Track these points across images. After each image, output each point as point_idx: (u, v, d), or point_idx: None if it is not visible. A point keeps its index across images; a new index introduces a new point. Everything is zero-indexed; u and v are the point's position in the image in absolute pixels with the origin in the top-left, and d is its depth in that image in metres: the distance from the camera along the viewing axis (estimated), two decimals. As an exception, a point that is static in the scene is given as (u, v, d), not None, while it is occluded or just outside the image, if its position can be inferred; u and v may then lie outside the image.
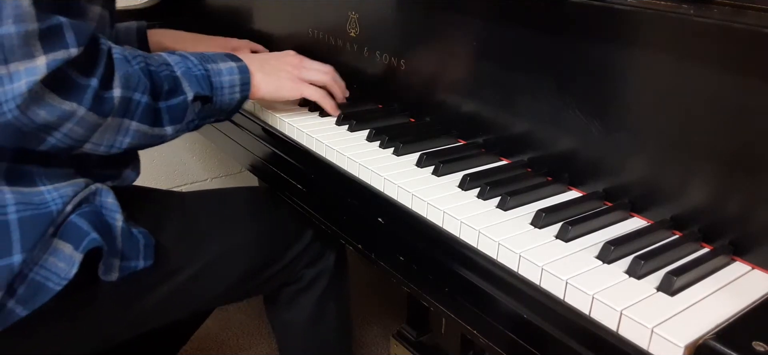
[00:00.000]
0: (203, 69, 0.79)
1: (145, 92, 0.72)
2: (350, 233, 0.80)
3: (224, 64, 0.82)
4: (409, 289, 0.71)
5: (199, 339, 1.51)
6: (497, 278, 0.61)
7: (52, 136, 0.66)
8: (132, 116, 0.71)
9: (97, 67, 0.67)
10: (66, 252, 0.71)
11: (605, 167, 0.70)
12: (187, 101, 0.77)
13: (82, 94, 0.65)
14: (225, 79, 0.82)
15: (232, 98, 0.83)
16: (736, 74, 0.57)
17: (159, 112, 0.74)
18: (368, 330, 1.60)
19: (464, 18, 0.82)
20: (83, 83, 0.65)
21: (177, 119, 0.77)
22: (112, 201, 0.77)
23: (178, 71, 0.77)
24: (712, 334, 0.48)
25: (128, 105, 0.70)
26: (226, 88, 0.82)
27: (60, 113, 0.64)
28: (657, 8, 0.61)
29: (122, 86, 0.69)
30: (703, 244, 0.62)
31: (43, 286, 0.70)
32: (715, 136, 0.60)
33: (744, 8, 0.56)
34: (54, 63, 0.62)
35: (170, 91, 0.75)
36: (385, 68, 0.95)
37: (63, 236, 0.71)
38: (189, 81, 0.77)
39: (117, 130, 0.71)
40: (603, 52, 0.68)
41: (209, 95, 0.80)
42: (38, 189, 0.72)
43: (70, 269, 0.70)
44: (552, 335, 0.55)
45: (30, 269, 0.69)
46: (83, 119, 0.66)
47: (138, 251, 0.78)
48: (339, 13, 1.00)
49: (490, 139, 0.83)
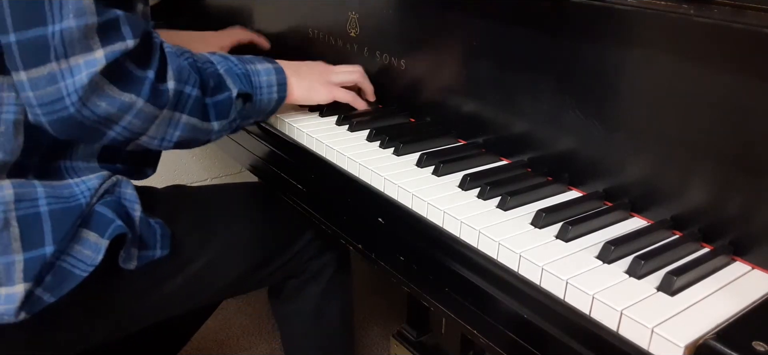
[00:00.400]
0: (243, 68, 0.82)
1: (196, 86, 0.74)
2: (350, 233, 0.80)
3: (262, 65, 0.85)
4: (409, 289, 0.71)
5: (199, 339, 1.51)
6: (497, 278, 0.61)
7: (111, 130, 0.68)
8: (183, 109, 0.73)
9: (152, 59, 0.69)
10: (92, 240, 0.73)
11: (605, 167, 0.70)
12: (231, 98, 0.79)
13: (141, 85, 0.67)
14: (263, 79, 0.84)
15: (271, 98, 0.85)
16: (736, 74, 0.57)
17: (206, 107, 0.76)
18: (368, 330, 1.60)
19: (464, 18, 0.82)
20: (141, 75, 0.67)
21: (222, 115, 0.78)
22: (132, 192, 0.79)
23: (221, 69, 0.79)
24: (712, 334, 0.48)
25: (180, 97, 0.72)
26: (264, 88, 0.84)
27: (120, 105, 0.66)
28: (657, 8, 0.61)
29: (176, 79, 0.71)
30: (703, 244, 0.62)
31: (71, 273, 0.72)
32: (716, 136, 0.60)
33: (744, 8, 0.56)
34: (112, 54, 0.64)
35: (216, 88, 0.77)
36: (385, 68, 0.95)
37: (88, 225, 0.73)
38: (232, 78, 0.80)
39: (169, 123, 0.72)
40: (603, 52, 0.68)
41: (250, 93, 0.82)
42: (67, 182, 0.74)
43: (96, 255, 0.72)
44: (552, 335, 0.55)
45: (57, 258, 0.71)
46: (141, 111, 0.68)
47: (155, 240, 0.80)
48: (339, 13, 1.00)
49: (490, 139, 0.83)
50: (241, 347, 1.56)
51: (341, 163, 0.81)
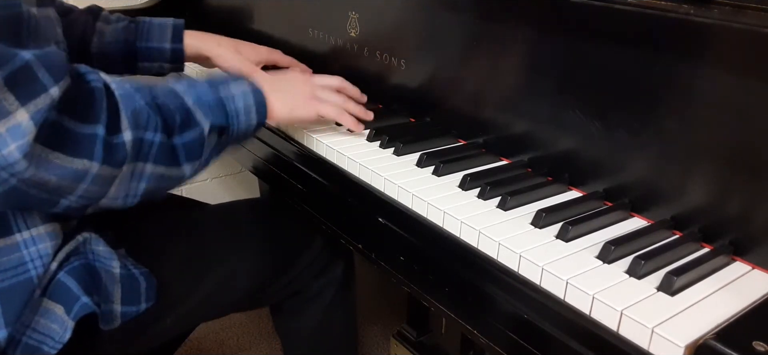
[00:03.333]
0: (215, 96, 0.71)
1: (158, 130, 0.63)
2: (351, 233, 0.80)
3: (236, 87, 0.74)
4: (410, 289, 0.71)
5: (199, 339, 1.51)
6: (497, 278, 0.61)
7: (66, 199, 0.59)
8: (145, 159, 0.63)
9: (97, 109, 0.58)
10: (58, 313, 0.67)
11: (605, 167, 0.70)
12: (203, 134, 0.68)
13: (91, 146, 0.57)
14: (240, 105, 0.73)
15: (249, 124, 0.75)
16: (736, 74, 0.57)
17: (174, 149, 0.66)
18: (368, 330, 1.60)
19: (464, 18, 0.82)
20: (87, 132, 0.57)
21: (194, 155, 0.68)
22: (104, 248, 0.72)
23: (188, 101, 0.68)
24: (712, 334, 0.48)
25: (140, 147, 0.62)
26: (241, 115, 0.74)
27: (72, 174, 0.56)
28: (657, 8, 0.61)
29: (132, 127, 0.60)
30: (704, 244, 0.62)
31: (38, 350, 0.66)
32: (716, 136, 0.60)
33: (744, 8, 0.56)
34: (39, 114, 0.52)
35: (183, 124, 0.67)
36: (385, 68, 0.95)
37: (52, 297, 0.67)
38: (203, 110, 0.69)
39: (131, 178, 0.62)
40: (603, 51, 0.68)
41: (225, 124, 0.71)
42: (14, 240, 0.65)
43: (63, 332, 0.66)
44: (552, 335, 0.55)
45: (22, 334, 0.65)
46: (98, 176, 0.58)
47: (139, 294, 0.74)
48: (339, 13, 1.00)
49: (490, 139, 0.83)
50: (241, 347, 1.56)
51: (341, 164, 0.81)
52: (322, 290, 0.98)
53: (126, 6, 1.45)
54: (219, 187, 1.91)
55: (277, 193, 0.96)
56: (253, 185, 1.85)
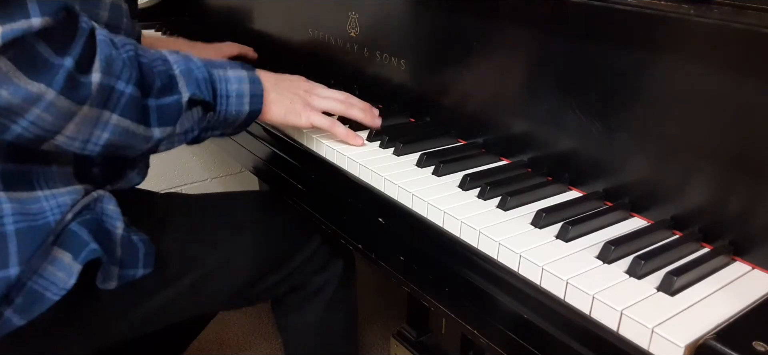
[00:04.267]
0: (206, 72, 0.72)
1: (131, 82, 0.64)
2: (351, 233, 0.80)
3: (233, 71, 0.75)
4: (410, 289, 0.71)
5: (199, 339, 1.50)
6: (497, 278, 0.61)
7: (16, 124, 0.59)
8: (113, 108, 0.63)
9: (72, 45, 0.59)
10: (65, 261, 0.69)
11: (605, 167, 0.70)
12: (181, 102, 0.69)
13: (53, 74, 0.57)
14: (232, 87, 0.74)
15: (240, 110, 0.75)
16: (736, 74, 0.57)
17: (147, 109, 0.67)
18: (368, 330, 1.60)
19: (464, 18, 0.82)
20: (55, 62, 0.57)
21: (167, 121, 0.69)
22: (114, 208, 0.74)
23: (176, 69, 0.70)
24: (712, 334, 0.48)
25: (110, 95, 0.62)
26: (232, 98, 0.74)
27: (24, 94, 0.57)
28: (657, 8, 0.61)
29: (102, 71, 0.61)
30: (704, 244, 0.62)
31: (42, 296, 0.68)
32: (716, 136, 0.60)
33: (744, 8, 0.56)
34: (11, 33, 0.54)
35: (163, 89, 0.68)
36: (385, 68, 0.95)
37: (62, 245, 0.69)
38: (187, 81, 0.70)
39: (95, 123, 0.63)
40: (603, 51, 0.68)
41: (209, 101, 0.72)
42: (36, 194, 0.69)
43: (68, 278, 0.68)
44: (552, 334, 0.55)
45: (28, 278, 0.67)
46: (52, 105, 0.58)
47: (137, 259, 0.75)
48: (339, 13, 1.00)
49: (490, 139, 0.83)
50: (241, 347, 1.56)
51: (341, 164, 0.81)
52: (323, 286, 0.98)
53: (126, 6, 1.45)
54: (219, 187, 1.92)
55: (278, 193, 0.96)
56: (253, 185, 1.85)
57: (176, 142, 0.72)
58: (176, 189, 1.80)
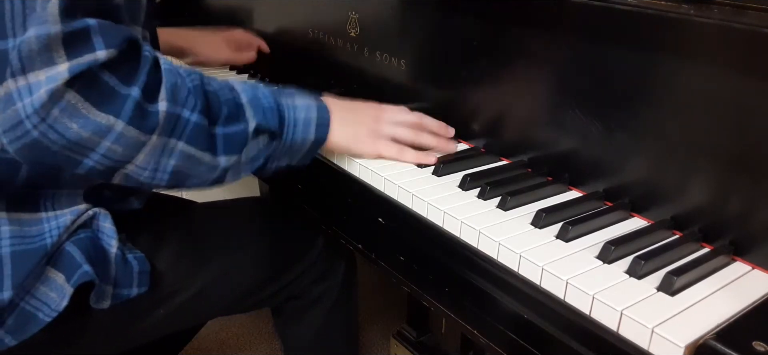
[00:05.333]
0: (273, 101, 0.71)
1: (195, 110, 0.63)
2: (351, 233, 0.80)
3: (301, 99, 0.74)
4: (410, 289, 0.71)
5: (199, 339, 1.51)
6: (497, 278, 0.61)
7: (88, 157, 0.59)
8: (179, 136, 0.62)
9: (137, 75, 0.59)
10: (58, 282, 0.68)
11: (605, 167, 0.70)
12: (247, 131, 0.67)
13: (121, 104, 0.57)
14: (300, 115, 0.73)
15: (305, 138, 0.73)
16: (736, 74, 0.57)
17: (213, 137, 0.65)
18: (368, 330, 1.60)
19: (464, 18, 0.82)
20: (122, 92, 0.57)
21: (233, 149, 0.67)
22: (110, 226, 0.73)
23: (243, 98, 0.68)
24: (712, 334, 0.48)
25: (176, 123, 0.62)
26: (299, 126, 0.72)
27: (95, 127, 0.56)
28: (657, 8, 0.61)
29: (168, 99, 0.61)
30: (704, 244, 0.62)
31: (34, 316, 0.67)
32: (716, 136, 0.60)
33: (744, 8, 0.56)
34: (78, 67, 0.54)
35: (229, 117, 0.66)
36: (385, 68, 0.95)
37: (55, 265, 0.68)
38: (254, 110, 0.68)
39: (161, 152, 0.62)
40: (603, 51, 0.68)
41: (275, 129, 0.70)
42: (39, 216, 0.69)
43: (61, 300, 0.68)
44: (552, 335, 0.55)
45: (21, 299, 0.67)
46: (122, 135, 0.58)
47: (132, 278, 0.74)
48: (339, 13, 1.00)
49: (490, 139, 0.83)
50: (241, 348, 1.56)
51: (341, 164, 0.81)
52: (323, 295, 0.97)
53: (126, 6, 1.44)
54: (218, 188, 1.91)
55: (277, 193, 0.95)
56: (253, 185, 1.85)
57: (242, 171, 0.70)
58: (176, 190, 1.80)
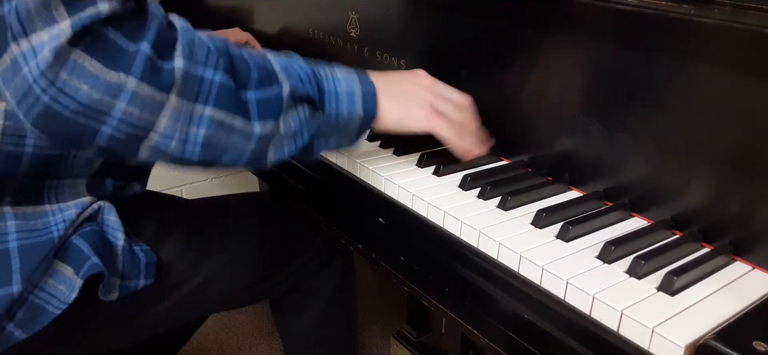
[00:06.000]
0: (309, 69, 0.66)
1: (219, 69, 0.58)
2: (351, 233, 0.80)
3: (341, 71, 0.69)
4: (410, 289, 0.71)
5: (199, 339, 1.51)
6: (498, 278, 0.61)
7: (105, 124, 0.54)
8: (205, 100, 0.57)
9: (145, 30, 0.54)
10: (66, 275, 0.68)
11: (605, 167, 0.70)
12: (281, 94, 0.62)
13: (130, 60, 0.53)
14: (341, 86, 0.67)
15: (352, 111, 0.67)
16: (736, 74, 0.57)
17: (244, 102, 0.60)
18: (368, 330, 1.60)
19: (464, 18, 0.82)
20: (129, 48, 0.53)
21: (268, 114, 0.61)
22: (115, 219, 0.73)
23: (275, 65, 0.63)
24: (712, 334, 0.48)
25: (199, 85, 0.57)
26: (342, 96, 0.67)
27: (105, 86, 0.52)
28: (657, 8, 0.61)
29: (185, 57, 0.56)
30: (704, 244, 0.62)
31: (43, 309, 0.68)
32: (716, 136, 0.60)
33: (744, 8, 0.56)
34: (80, 22, 0.51)
35: (260, 81, 0.61)
36: (385, 68, 0.95)
37: (63, 258, 0.68)
38: (288, 74, 0.63)
39: (189, 119, 0.57)
40: (603, 51, 0.68)
41: (313, 97, 0.65)
42: (44, 208, 0.68)
43: (70, 292, 0.68)
44: (552, 334, 0.55)
45: (30, 292, 0.67)
46: (136, 94, 0.53)
47: (139, 270, 0.75)
48: (339, 13, 1.00)
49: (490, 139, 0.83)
50: (242, 347, 1.56)
51: (342, 164, 0.81)
52: (321, 287, 0.97)
53: (126, 6, 1.44)
54: (219, 187, 1.92)
55: (277, 193, 0.96)
56: (253, 186, 1.85)
57: (286, 147, 0.64)
58: (176, 189, 1.80)
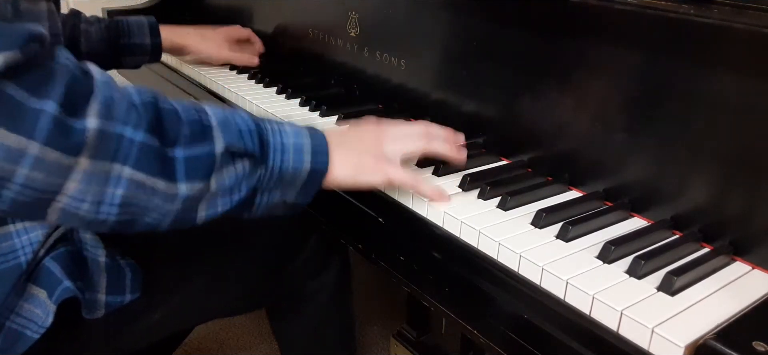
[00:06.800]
0: (253, 123, 0.61)
1: (140, 127, 0.53)
2: (351, 233, 0.80)
3: (291, 126, 0.65)
4: (410, 289, 0.71)
5: (199, 339, 1.51)
6: (497, 278, 0.61)
7: (7, 189, 0.48)
8: (124, 160, 0.52)
9: (51, 84, 0.48)
10: (41, 298, 0.66)
11: (605, 167, 0.70)
12: (213, 153, 0.57)
13: (33, 121, 0.46)
14: (289, 140, 0.63)
15: (298, 167, 0.63)
16: (736, 74, 0.57)
17: (170, 161, 0.55)
18: (368, 330, 1.60)
19: (464, 18, 0.82)
20: (33, 106, 0.46)
21: (196, 174, 0.56)
22: (91, 236, 0.70)
23: (212, 120, 0.59)
24: (712, 334, 0.48)
25: (117, 143, 0.51)
26: (289, 152, 0.62)
27: (5, 152, 0.46)
28: (657, 8, 0.61)
29: (101, 115, 0.50)
30: (704, 244, 0.62)
31: (21, 334, 0.66)
32: (716, 135, 0.60)
33: (744, 8, 0.56)
34: None
35: (192, 138, 0.57)
36: (385, 68, 0.95)
37: (37, 281, 0.66)
38: (224, 130, 0.58)
39: (105, 180, 0.52)
40: (603, 51, 0.68)
41: (253, 152, 0.60)
42: (8, 230, 0.65)
43: (46, 317, 0.65)
44: (552, 334, 0.55)
45: (6, 318, 0.65)
46: (40, 160, 0.47)
47: (124, 285, 0.72)
48: (339, 13, 1.00)
49: (490, 139, 0.83)
50: (241, 347, 1.56)
51: (341, 164, 0.81)
52: (317, 291, 0.97)
53: (126, 6, 1.45)
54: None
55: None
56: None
57: (220, 205, 0.60)
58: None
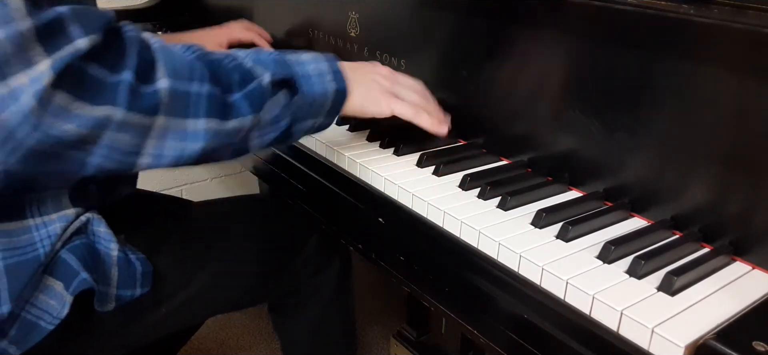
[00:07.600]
0: (277, 56, 0.67)
1: (205, 81, 0.59)
2: (351, 233, 0.80)
3: (306, 54, 0.70)
4: (410, 289, 0.71)
5: (199, 339, 1.51)
6: (497, 278, 0.61)
7: (93, 155, 0.54)
8: (197, 113, 0.58)
9: (126, 57, 0.54)
10: (57, 289, 0.68)
11: (605, 167, 0.70)
12: (262, 84, 0.63)
13: (114, 92, 0.53)
14: (309, 67, 0.69)
15: (325, 89, 0.69)
16: (736, 74, 0.57)
17: (231, 106, 0.61)
18: (368, 330, 1.60)
19: (464, 18, 0.82)
20: (112, 81, 0.53)
21: (254, 107, 0.63)
22: (105, 230, 0.72)
23: (247, 62, 0.65)
24: (712, 334, 0.48)
25: (186, 100, 0.57)
26: (313, 77, 0.68)
27: (93, 122, 0.52)
28: (657, 8, 0.61)
29: (170, 76, 0.56)
30: (704, 244, 0.62)
31: (36, 325, 0.67)
32: (715, 136, 0.60)
33: (744, 8, 0.56)
34: (60, 62, 0.50)
35: (243, 81, 0.63)
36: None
37: (53, 273, 0.68)
38: (262, 66, 0.65)
39: (184, 134, 0.58)
40: (603, 51, 0.68)
41: (290, 78, 0.66)
42: (27, 223, 0.67)
43: (61, 308, 0.67)
44: (552, 334, 0.55)
45: (21, 309, 0.67)
46: (125, 123, 0.54)
47: (135, 279, 0.74)
48: (339, 13, 1.00)
49: (490, 139, 0.83)
50: (242, 347, 1.56)
51: (342, 164, 0.81)
52: (319, 288, 0.98)
53: (126, 6, 1.45)
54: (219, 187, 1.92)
55: (278, 193, 0.96)
56: (253, 186, 1.85)
57: (267, 134, 0.66)
58: (176, 189, 1.80)
